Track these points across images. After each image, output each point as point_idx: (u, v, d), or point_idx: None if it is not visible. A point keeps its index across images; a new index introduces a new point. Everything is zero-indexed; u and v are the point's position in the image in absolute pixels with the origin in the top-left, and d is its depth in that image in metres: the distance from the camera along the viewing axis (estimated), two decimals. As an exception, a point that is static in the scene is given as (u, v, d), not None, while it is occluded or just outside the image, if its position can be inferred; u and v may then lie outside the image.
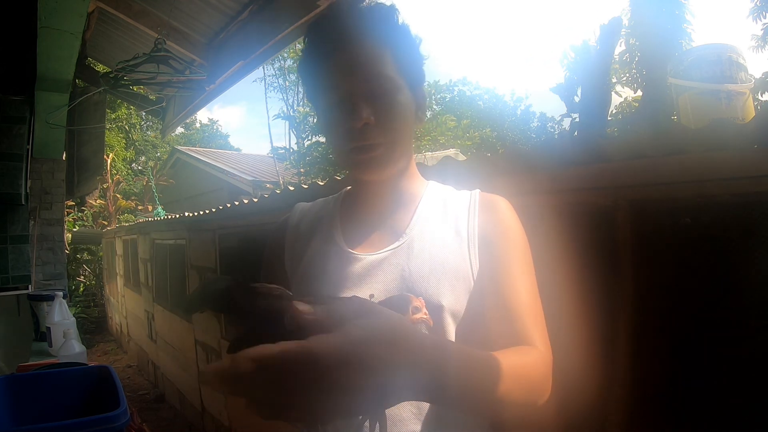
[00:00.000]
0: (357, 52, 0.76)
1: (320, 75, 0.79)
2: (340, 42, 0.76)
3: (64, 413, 1.40)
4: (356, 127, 0.74)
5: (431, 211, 0.82)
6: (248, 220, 3.02)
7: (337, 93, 0.77)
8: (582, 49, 7.48)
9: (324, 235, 0.86)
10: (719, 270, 1.01)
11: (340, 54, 0.76)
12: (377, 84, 0.76)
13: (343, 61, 0.76)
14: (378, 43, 0.77)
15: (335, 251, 0.82)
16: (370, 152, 0.76)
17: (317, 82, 0.80)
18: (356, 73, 0.75)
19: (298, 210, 0.94)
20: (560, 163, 1.27)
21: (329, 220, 0.88)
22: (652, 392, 1.11)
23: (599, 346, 1.17)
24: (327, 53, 0.77)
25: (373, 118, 0.75)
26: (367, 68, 0.76)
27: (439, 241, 0.78)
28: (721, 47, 1.88)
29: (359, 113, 0.74)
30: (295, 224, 0.91)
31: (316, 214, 0.92)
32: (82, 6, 2.40)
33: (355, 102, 0.75)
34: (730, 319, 0.99)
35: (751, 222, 0.96)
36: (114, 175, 11.32)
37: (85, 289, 9.12)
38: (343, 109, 0.76)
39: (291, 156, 10.48)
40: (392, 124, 0.77)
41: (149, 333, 5.60)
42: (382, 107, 0.76)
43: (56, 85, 3.20)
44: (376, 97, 0.75)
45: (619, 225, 1.16)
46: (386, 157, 0.78)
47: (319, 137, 9.67)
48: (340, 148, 0.79)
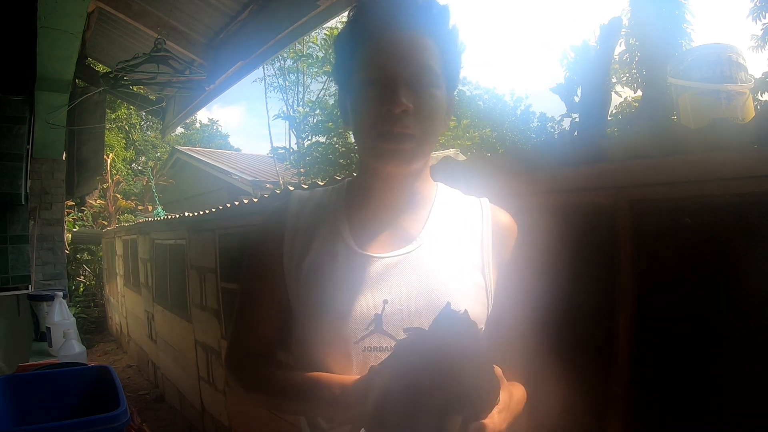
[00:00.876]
0: (409, 36, 0.74)
1: (364, 52, 0.75)
2: (393, 23, 0.74)
3: (64, 413, 1.40)
4: (394, 112, 0.71)
5: (445, 216, 0.81)
6: (248, 220, 3.02)
7: (379, 73, 0.73)
8: (582, 49, 7.48)
9: (329, 230, 0.80)
10: (719, 270, 1.01)
11: (392, 35, 0.74)
12: (423, 73, 0.73)
13: (394, 43, 0.74)
14: (430, 35, 0.75)
15: (344, 250, 0.77)
16: (401, 143, 0.73)
17: (356, 59, 0.76)
18: (405, 57, 0.73)
19: (296, 199, 0.86)
20: (560, 163, 1.27)
21: (334, 214, 0.82)
22: (652, 392, 1.11)
23: (598, 346, 1.17)
24: (376, 31, 0.75)
25: (413, 107, 0.72)
26: (417, 55, 0.73)
27: (454, 248, 0.78)
28: (721, 47, 1.87)
29: (399, 98, 0.71)
30: (294, 215, 0.83)
31: (317, 204, 0.85)
32: (82, 6, 2.41)
33: (397, 86, 0.72)
34: (730, 319, 0.99)
35: (751, 222, 0.96)
36: (114, 175, 11.31)
37: (85, 289, 9.11)
38: (382, 90, 0.73)
39: (291, 156, 10.46)
40: (429, 117, 0.74)
41: (149, 333, 5.59)
42: (423, 98, 0.73)
43: (56, 85, 3.20)
44: (420, 86, 0.73)
45: (619, 225, 1.15)
46: (415, 152, 0.75)
47: (319, 137, 9.67)
48: (369, 132, 0.74)
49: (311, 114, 10.09)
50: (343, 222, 0.80)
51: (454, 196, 0.85)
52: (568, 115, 7.57)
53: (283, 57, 13.01)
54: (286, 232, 0.82)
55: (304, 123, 10.02)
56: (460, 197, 0.85)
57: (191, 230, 4.10)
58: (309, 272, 0.78)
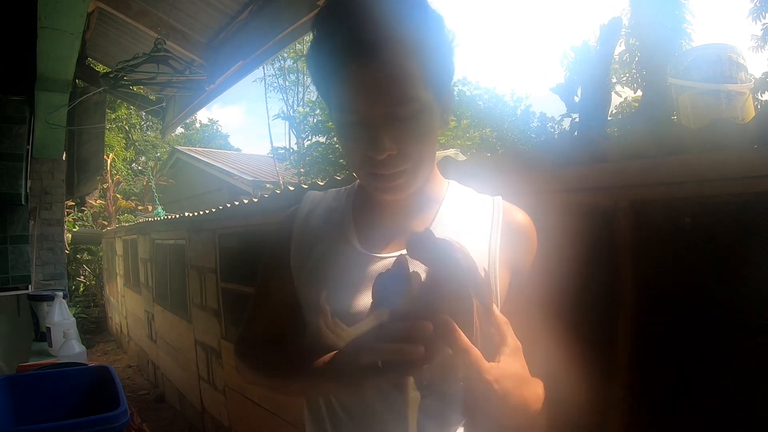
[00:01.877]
0: (378, 66, 0.63)
1: (335, 89, 0.67)
2: (356, 49, 0.63)
3: (64, 413, 1.41)
4: (377, 158, 0.66)
5: (453, 215, 0.79)
6: (248, 220, 3.02)
7: (355, 116, 0.66)
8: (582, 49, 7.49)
9: (336, 231, 0.80)
10: (719, 270, 1.01)
11: (357, 67, 0.63)
12: (405, 107, 0.65)
13: (361, 78, 0.64)
14: (405, 49, 0.64)
15: (348, 250, 0.77)
16: (393, 180, 0.70)
17: (329, 94, 0.69)
18: (377, 95, 0.64)
19: (309, 200, 0.87)
20: (560, 163, 1.27)
21: (341, 216, 0.82)
22: (653, 392, 1.11)
23: (599, 347, 1.17)
24: (340, 63, 0.65)
25: (396, 149, 0.66)
26: (391, 89, 0.64)
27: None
28: (721, 47, 1.88)
29: (380, 144, 0.65)
30: (304, 216, 0.84)
31: (328, 206, 0.85)
32: (82, 6, 2.41)
33: (375, 129, 0.65)
34: (730, 319, 0.99)
35: (751, 222, 0.96)
36: (114, 175, 11.31)
37: (85, 289, 9.11)
38: (361, 134, 0.67)
39: (291, 156, 10.48)
40: (417, 150, 0.69)
41: (149, 333, 5.59)
42: (407, 134, 0.66)
43: (56, 85, 3.20)
44: (400, 122, 0.65)
45: (619, 225, 1.15)
46: (409, 182, 0.71)
47: (319, 137, 9.67)
48: (358, 170, 0.72)
49: (311, 114, 10.10)
50: (349, 223, 0.80)
51: (465, 195, 0.83)
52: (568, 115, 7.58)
53: (283, 57, 13.05)
54: (294, 232, 0.83)
55: (304, 123, 10.04)
56: (471, 196, 0.83)
57: (191, 230, 4.10)
58: (313, 271, 0.78)
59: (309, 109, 10.48)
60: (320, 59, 0.68)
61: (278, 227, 0.87)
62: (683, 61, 1.93)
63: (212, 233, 3.60)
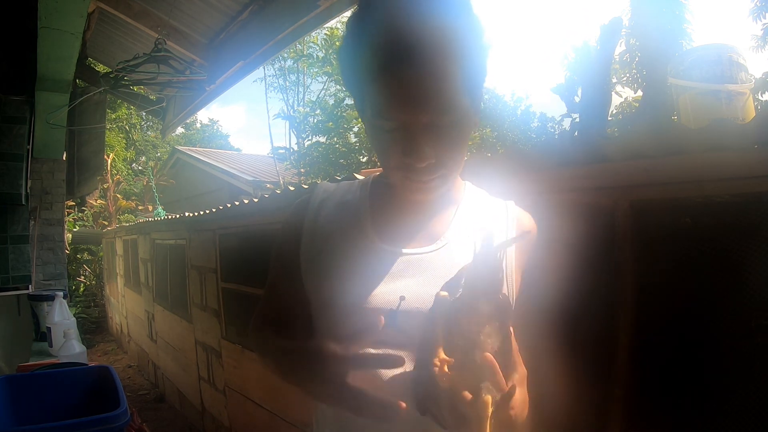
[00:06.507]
0: (423, 73, 0.60)
1: (374, 92, 0.64)
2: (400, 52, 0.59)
3: (64, 413, 1.41)
4: (416, 166, 0.65)
5: (470, 217, 0.79)
6: (248, 221, 3.02)
7: (395, 124, 0.64)
8: (582, 49, 7.49)
9: (351, 224, 0.78)
10: (719, 270, 1.01)
11: (400, 72, 0.60)
12: (444, 117, 0.63)
13: (404, 84, 0.60)
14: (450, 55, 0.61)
15: (365, 243, 0.75)
16: (429, 182, 0.69)
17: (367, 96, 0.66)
18: (420, 103, 0.61)
19: (321, 191, 0.84)
20: (560, 163, 1.27)
21: (357, 209, 0.80)
22: (652, 392, 1.11)
23: (599, 346, 1.17)
24: (381, 65, 0.61)
25: (435, 157, 0.65)
26: (434, 98, 0.61)
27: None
28: (721, 47, 1.88)
29: (421, 153, 0.64)
30: (316, 208, 0.81)
31: (340, 198, 0.83)
32: (82, 6, 2.40)
33: (415, 138, 0.63)
34: (730, 319, 0.99)
35: (751, 222, 0.96)
36: (114, 175, 11.31)
37: (85, 289, 9.11)
38: (399, 140, 0.65)
39: (291, 156, 10.47)
40: (455, 158, 0.69)
41: (149, 333, 5.60)
42: (447, 143, 0.66)
43: (56, 85, 3.20)
44: (441, 131, 0.64)
45: (620, 225, 1.15)
46: (442, 184, 0.71)
47: (320, 137, 9.67)
48: (394, 173, 0.71)
49: (311, 114, 10.09)
50: (366, 217, 0.78)
51: (480, 198, 0.83)
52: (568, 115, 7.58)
53: (284, 57, 13.01)
54: (305, 224, 0.81)
55: (305, 123, 10.03)
56: (486, 199, 0.83)
57: (191, 230, 4.10)
58: (327, 264, 0.76)
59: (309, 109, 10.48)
60: (357, 58, 0.65)
61: (286, 219, 0.85)
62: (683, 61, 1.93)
63: (212, 233, 3.61)
